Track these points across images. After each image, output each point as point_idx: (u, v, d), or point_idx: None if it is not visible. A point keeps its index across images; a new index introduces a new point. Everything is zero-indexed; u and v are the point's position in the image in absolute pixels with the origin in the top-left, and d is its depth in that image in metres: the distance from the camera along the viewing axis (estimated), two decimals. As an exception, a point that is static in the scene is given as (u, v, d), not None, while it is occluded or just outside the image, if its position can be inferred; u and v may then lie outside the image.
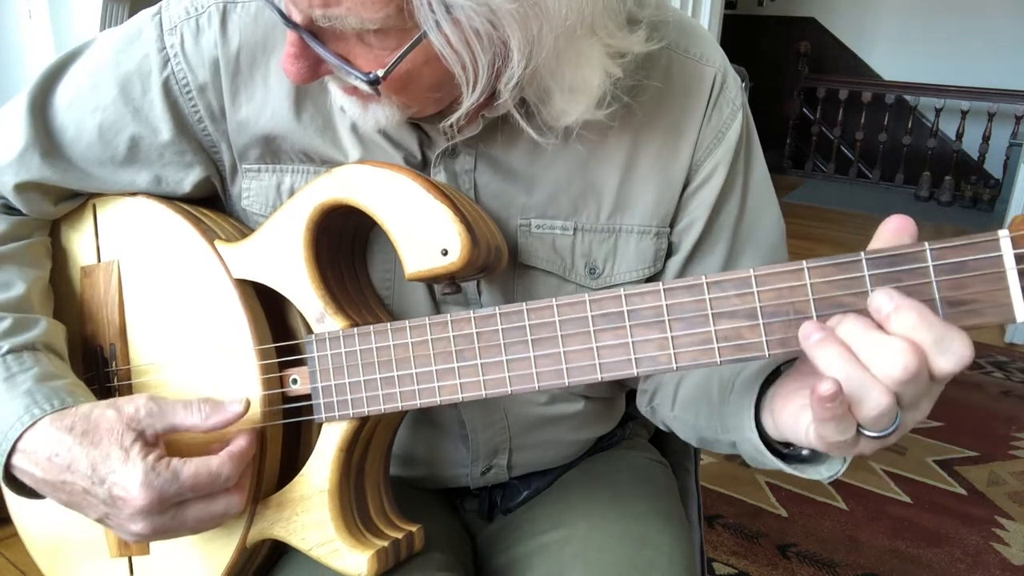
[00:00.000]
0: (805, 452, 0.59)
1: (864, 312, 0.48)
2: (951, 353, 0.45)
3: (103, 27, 1.84)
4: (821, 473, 0.59)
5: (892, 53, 5.30)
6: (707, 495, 2.04)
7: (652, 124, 0.71)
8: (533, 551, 0.79)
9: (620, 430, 0.93)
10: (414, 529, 0.70)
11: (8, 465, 0.63)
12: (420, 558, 0.71)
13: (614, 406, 0.90)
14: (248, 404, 0.64)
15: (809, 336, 0.48)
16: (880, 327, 0.46)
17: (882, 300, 0.46)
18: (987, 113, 4.64)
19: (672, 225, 0.75)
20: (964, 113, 4.73)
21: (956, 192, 4.87)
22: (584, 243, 0.73)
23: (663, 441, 1.00)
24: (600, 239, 0.73)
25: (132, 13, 1.89)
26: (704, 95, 0.72)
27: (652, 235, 0.73)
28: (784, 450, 0.60)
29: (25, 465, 0.63)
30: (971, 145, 4.84)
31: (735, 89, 0.74)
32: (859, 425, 0.48)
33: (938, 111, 4.82)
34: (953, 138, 4.86)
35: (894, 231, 0.49)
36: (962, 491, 2.10)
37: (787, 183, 5.31)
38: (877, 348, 0.46)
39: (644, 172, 0.72)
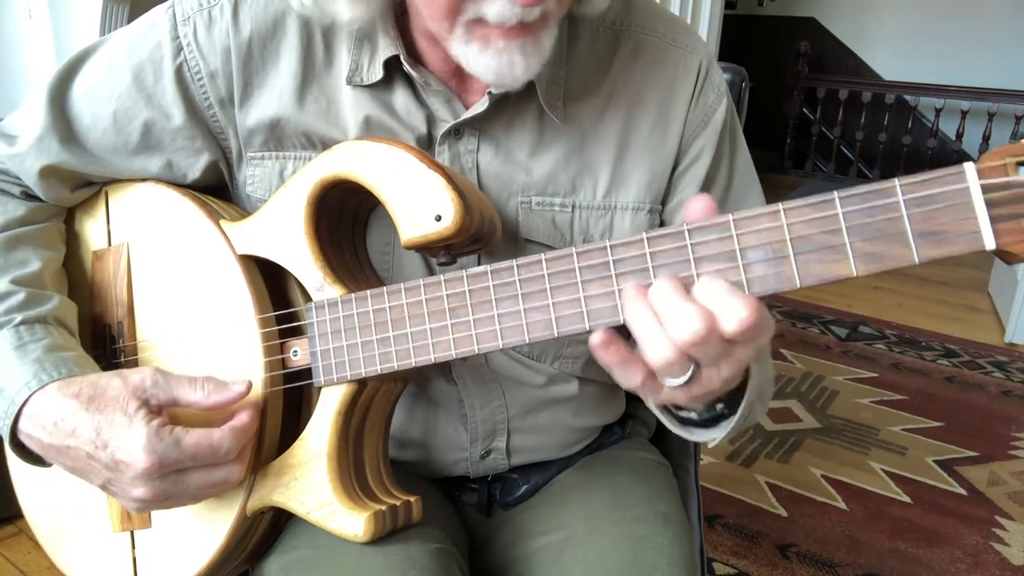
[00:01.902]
0: (694, 415, 0.65)
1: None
2: (736, 318, 0.50)
3: (103, 27, 1.84)
4: (703, 436, 0.66)
5: (892, 53, 5.30)
6: (707, 495, 2.05)
7: (643, 108, 0.76)
8: (532, 552, 0.79)
9: (620, 428, 0.94)
10: (412, 499, 0.71)
11: (16, 431, 0.65)
12: (416, 529, 0.72)
13: (612, 394, 0.90)
14: (250, 386, 0.66)
15: (627, 293, 0.54)
16: (686, 292, 0.52)
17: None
18: (987, 113, 4.64)
19: (664, 203, 0.78)
20: (964, 113, 4.73)
21: (956, 192, 4.87)
22: (582, 220, 0.76)
23: (663, 441, 1.00)
24: (597, 216, 0.76)
25: (132, 13, 1.89)
26: (691, 80, 0.77)
27: (646, 211, 0.77)
28: (680, 413, 0.66)
29: (32, 430, 0.65)
30: (971, 145, 4.83)
31: (718, 76, 0.79)
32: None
33: (938, 111, 4.82)
34: (953, 138, 4.86)
35: (703, 211, 0.54)
36: (962, 491, 2.10)
37: (787, 183, 5.30)
38: (675, 312, 0.51)
39: (637, 153, 0.76)
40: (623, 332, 0.55)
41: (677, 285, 0.52)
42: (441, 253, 0.67)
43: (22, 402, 0.64)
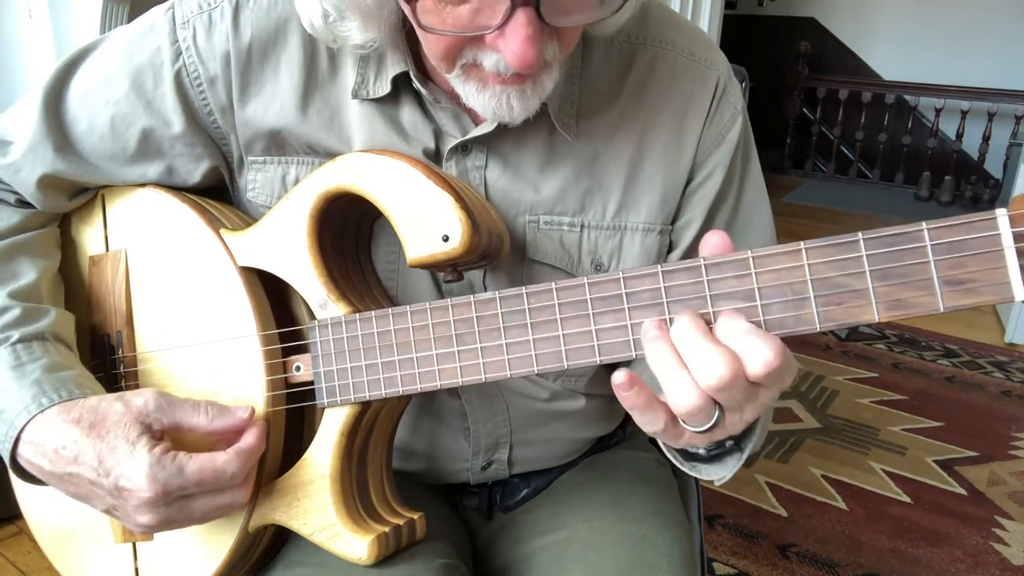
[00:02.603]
0: (702, 451, 0.62)
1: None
2: (761, 360, 0.48)
3: (103, 27, 1.84)
4: (710, 474, 0.63)
5: (892, 53, 5.29)
6: (707, 495, 2.04)
7: (657, 125, 0.73)
8: (533, 552, 0.79)
9: (621, 430, 0.94)
10: (416, 517, 0.70)
11: (15, 455, 0.64)
12: (421, 546, 0.71)
13: (615, 406, 0.90)
14: (253, 412, 0.65)
15: (647, 332, 0.52)
16: (709, 332, 0.50)
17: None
18: (987, 113, 4.64)
19: (673, 222, 0.77)
20: (964, 113, 4.73)
21: (956, 192, 4.87)
22: (590, 240, 0.74)
23: (663, 441, 1.00)
24: (606, 236, 0.74)
25: (132, 13, 1.89)
26: (707, 98, 0.74)
27: (656, 232, 0.75)
28: (687, 448, 0.63)
29: (33, 457, 0.63)
30: (971, 145, 4.83)
31: (736, 93, 0.76)
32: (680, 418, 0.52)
33: (938, 111, 4.82)
34: (953, 138, 4.86)
35: (719, 247, 0.52)
36: (962, 491, 2.10)
37: (787, 183, 5.30)
38: (699, 355, 0.49)
39: (649, 171, 0.74)
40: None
41: (700, 325, 0.50)
42: (448, 270, 0.65)
43: (21, 426, 0.63)
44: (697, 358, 0.49)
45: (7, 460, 0.65)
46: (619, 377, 0.51)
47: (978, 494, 2.08)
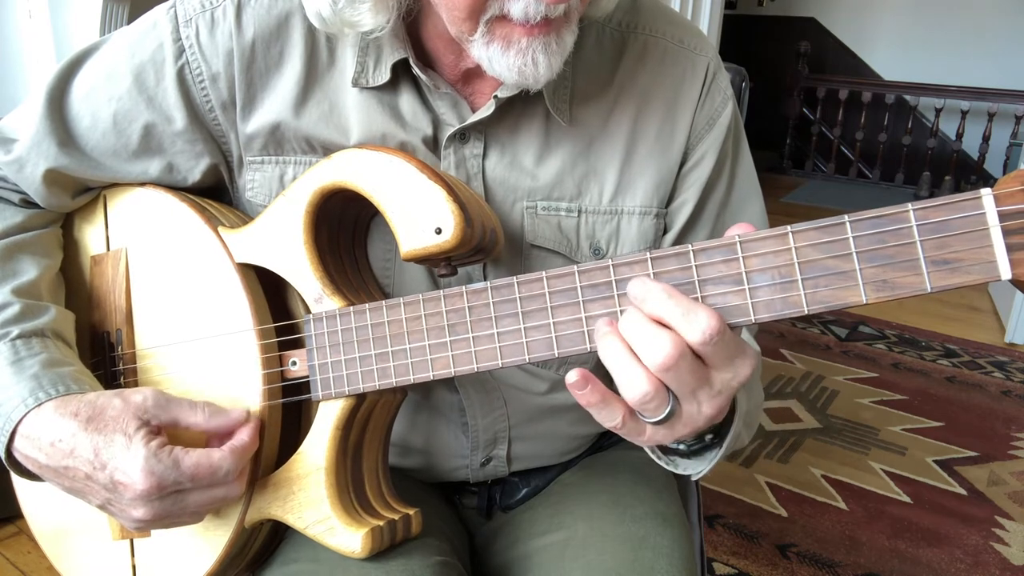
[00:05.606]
0: (681, 446, 0.63)
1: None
2: (697, 323, 0.50)
3: (103, 28, 1.84)
4: (688, 468, 0.64)
5: (892, 53, 5.30)
6: (707, 495, 2.05)
7: (650, 110, 0.75)
8: (532, 552, 0.79)
9: (620, 429, 0.93)
10: (411, 512, 0.71)
11: (11, 449, 0.64)
12: (418, 542, 0.72)
13: None
14: (249, 415, 0.66)
15: (599, 330, 0.54)
16: (650, 319, 0.51)
17: (634, 288, 0.52)
18: (987, 113, 4.64)
19: (668, 205, 0.78)
20: (964, 113, 4.73)
21: (956, 192, 4.86)
22: (588, 225, 0.75)
23: (663, 441, 1.00)
24: (603, 220, 0.75)
25: (132, 13, 1.89)
26: (698, 83, 0.76)
27: (652, 216, 0.76)
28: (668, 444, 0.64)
29: (28, 451, 0.63)
30: (971, 145, 4.84)
31: (725, 80, 0.78)
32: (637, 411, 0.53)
33: (938, 111, 4.82)
34: (953, 138, 4.86)
35: None
36: (962, 491, 2.10)
37: (787, 183, 5.30)
38: (643, 338, 0.51)
39: (643, 156, 0.75)
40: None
41: (643, 312, 0.52)
42: (442, 265, 0.66)
43: (18, 420, 0.63)
44: (641, 341, 0.51)
45: (3, 454, 0.65)
46: (572, 376, 0.52)
47: (978, 494, 2.08)
